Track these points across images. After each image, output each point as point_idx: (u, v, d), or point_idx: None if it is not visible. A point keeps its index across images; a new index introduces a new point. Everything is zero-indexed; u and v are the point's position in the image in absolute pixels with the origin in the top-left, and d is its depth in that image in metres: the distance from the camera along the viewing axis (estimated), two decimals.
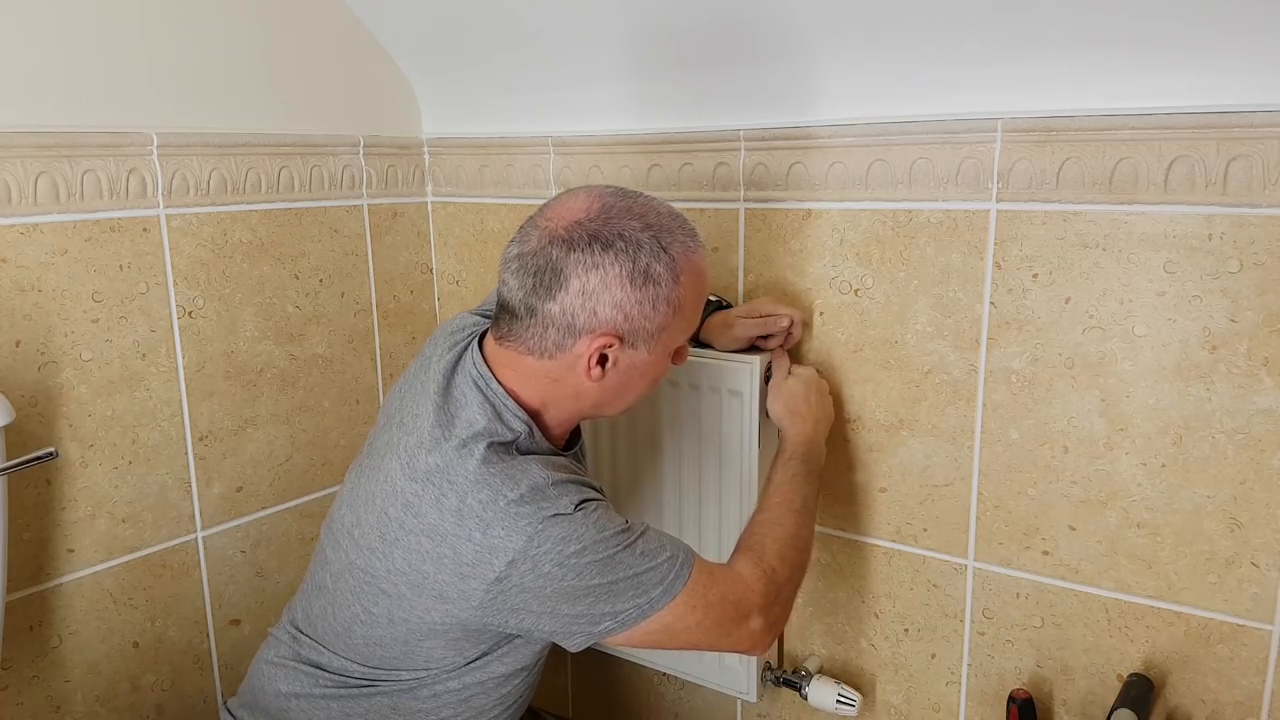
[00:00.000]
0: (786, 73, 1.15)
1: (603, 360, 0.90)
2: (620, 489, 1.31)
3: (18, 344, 1.08)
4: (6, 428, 0.98)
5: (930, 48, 1.04)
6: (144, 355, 1.20)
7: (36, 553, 1.12)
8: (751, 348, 1.18)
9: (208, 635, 1.31)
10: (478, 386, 0.93)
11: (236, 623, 1.34)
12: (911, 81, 1.08)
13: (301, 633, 1.02)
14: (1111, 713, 0.98)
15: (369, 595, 0.93)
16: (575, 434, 1.05)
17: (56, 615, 1.15)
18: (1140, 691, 1.01)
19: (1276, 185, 0.91)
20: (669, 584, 0.88)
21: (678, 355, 0.98)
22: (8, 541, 1.02)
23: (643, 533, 0.90)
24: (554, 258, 0.87)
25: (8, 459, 0.99)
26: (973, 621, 1.16)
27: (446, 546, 0.86)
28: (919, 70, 1.07)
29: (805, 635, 1.31)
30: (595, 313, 0.87)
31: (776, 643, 1.31)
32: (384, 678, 0.97)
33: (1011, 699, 1.08)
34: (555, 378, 0.92)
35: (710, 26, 1.15)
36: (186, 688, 1.29)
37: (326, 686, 0.98)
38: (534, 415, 0.94)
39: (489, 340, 0.96)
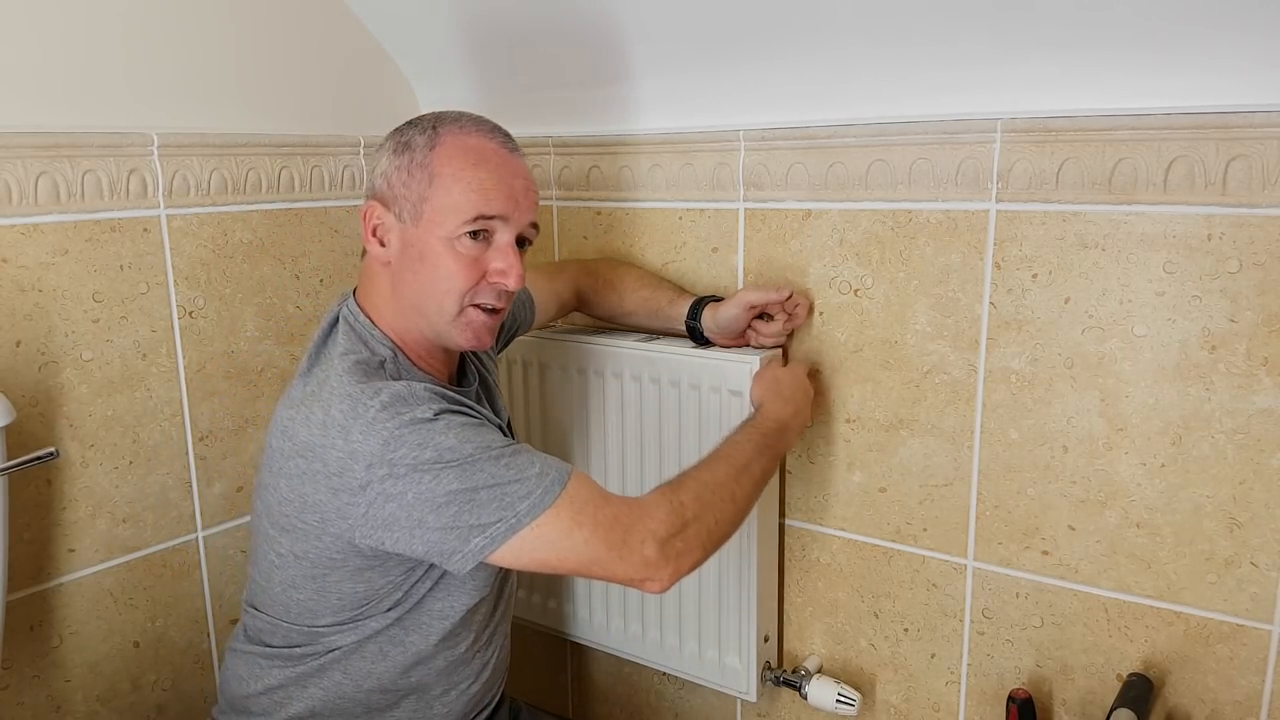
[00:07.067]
0: (786, 72, 1.15)
1: (379, 232, 0.96)
2: (620, 488, 1.31)
3: (18, 344, 1.08)
4: (7, 428, 0.98)
5: (930, 48, 1.04)
6: (144, 355, 1.20)
7: (37, 553, 1.12)
8: (750, 352, 1.19)
9: (208, 635, 1.31)
10: (348, 322, 0.98)
11: (237, 622, 1.34)
12: (911, 82, 1.08)
13: (248, 606, 1.04)
14: (1111, 712, 0.98)
15: (274, 537, 0.95)
16: (464, 371, 1.06)
17: (57, 615, 1.15)
18: (1140, 691, 1.01)
19: (1276, 185, 0.91)
20: (536, 499, 0.86)
21: (481, 269, 0.94)
22: (8, 541, 1.02)
23: (515, 451, 0.89)
24: None
25: (8, 459, 0.99)
26: (972, 621, 1.16)
27: (317, 461, 0.88)
28: (918, 70, 1.07)
29: (805, 635, 1.31)
30: (374, 185, 0.97)
31: (776, 642, 1.31)
32: (314, 631, 0.97)
33: (1011, 699, 1.08)
34: (373, 273, 0.98)
35: (708, 27, 1.15)
36: (187, 688, 1.29)
37: (277, 665, 0.99)
38: (398, 344, 0.97)
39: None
